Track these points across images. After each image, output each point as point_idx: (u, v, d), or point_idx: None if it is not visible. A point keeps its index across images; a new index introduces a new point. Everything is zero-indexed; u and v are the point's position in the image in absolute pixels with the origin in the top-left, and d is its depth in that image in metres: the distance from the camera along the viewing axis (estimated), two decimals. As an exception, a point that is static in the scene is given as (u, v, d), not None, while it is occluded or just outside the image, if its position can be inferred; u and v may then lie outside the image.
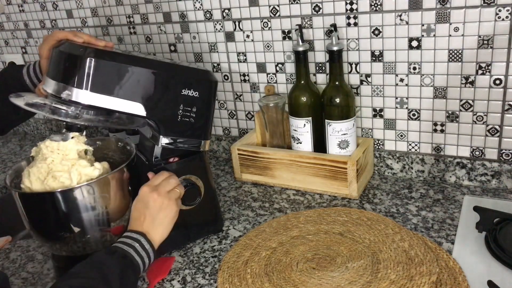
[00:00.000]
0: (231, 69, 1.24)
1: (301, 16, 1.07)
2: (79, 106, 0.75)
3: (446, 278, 0.73)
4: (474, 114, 0.97)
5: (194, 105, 0.84)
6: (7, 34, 1.66)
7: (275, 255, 0.84)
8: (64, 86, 0.74)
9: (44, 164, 0.79)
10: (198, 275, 0.84)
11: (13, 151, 1.64)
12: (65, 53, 0.77)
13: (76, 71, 0.74)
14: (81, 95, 0.74)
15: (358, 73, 1.06)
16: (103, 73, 0.74)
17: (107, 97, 0.75)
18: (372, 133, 1.10)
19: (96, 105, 0.75)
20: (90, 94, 0.74)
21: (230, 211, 1.04)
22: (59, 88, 0.75)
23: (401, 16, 0.96)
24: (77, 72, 0.73)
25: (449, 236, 0.85)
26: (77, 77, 0.73)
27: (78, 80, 0.73)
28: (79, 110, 0.76)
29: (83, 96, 0.74)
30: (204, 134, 0.88)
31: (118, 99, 0.76)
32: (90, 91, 0.74)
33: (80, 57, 0.74)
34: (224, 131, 1.34)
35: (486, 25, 0.89)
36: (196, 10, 1.20)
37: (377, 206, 0.98)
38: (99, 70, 0.74)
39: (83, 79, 0.73)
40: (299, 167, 1.07)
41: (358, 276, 0.75)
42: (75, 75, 0.74)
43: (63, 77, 0.75)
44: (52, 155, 0.79)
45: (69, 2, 1.43)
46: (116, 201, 0.83)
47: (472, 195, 0.97)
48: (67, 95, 0.74)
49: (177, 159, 0.87)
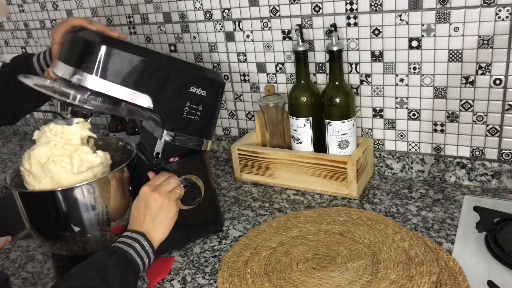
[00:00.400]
0: (231, 69, 1.24)
1: (301, 16, 1.07)
2: (87, 92, 0.75)
3: (446, 278, 0.73)
4: (474, 114, 0.97)
5: (200, 104, 0.84)
6: (7, 34, 1.66)
7: (275, 255, 0.84)
8: (75, 70, 0.75)
9: (46, 148, 0.78)
10: (198, 275, 0.84)
11: (13, 151, 1.64)
12: (80, 38, 0.77)
13: (89, 57, 0.74)
14: (91, 81, 0.74)
15: (358, 73, 1.06)
16: (115, 61, 0.75)
17: (117, 86, 0.76)
18: (372, 133, 1.10)
19: (105, 92, 0.75)
20: (100, 81, 0.74)
21: (230, 211, 1.04)
22: (70, 72, 0.75)
23: (401, 16, 0.96)
24: (90, 58, 0.74)
25: (449, 236, 0.85)
26: (90, 62, 0.74)
27: (90, 65, 0.74)
28: (87, 95, 0.76)
29: (93, 82, 0.74)
30: (207, 133, 0.88)
31: (127, 89, 0.77)
32: (100, 78, 0.74)
33: (94, 43, 0.74)
34: (224, 131, 1.34)
35: (486, 25, 0.89)
36: (196, 10, 1.20)
37: (377, 206, 0.98)
38: (111, 58, 0.74)
39: (95, 65, 0.74)
40: (299, 167, 1.07)
41: (358, 276, 0.75)
42: (87, 61, 0.74)
43: (75, 62, 0.75)
44: (55, 138, 0.79)
45: (69, 2, 1.43)
46: (116, 201, 0.83)
47: (472, 195, 0.97)
48: (77, 79, 0.74)
49: (178, 159, 0.87)
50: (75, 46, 0.77)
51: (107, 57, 0.74)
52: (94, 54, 0.74)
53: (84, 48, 0.76)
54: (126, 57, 0.75)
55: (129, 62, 0.76)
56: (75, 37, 0.78)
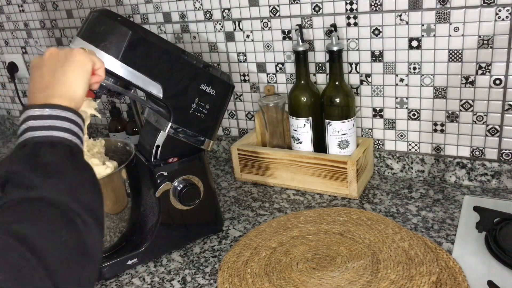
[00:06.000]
0: (231, 69, 1.24)
1: (301, 16, 1.07)
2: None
3: (446, 278, 0.73)
4: (474, 114, 0.97)
5: (208, 102, 0.86)
6: (7, 34, 1.66)
7: (275, 255, 0.84)
8: (93, 48, 0.75)
9: None
10: (198, 275, 0.84)
11: (13, 151, 1.64)
12: (103, 18, 0.77)
13: (109, 38, 0.75)
14: (107, 60, 0.74)
15: (358, 73, 1.06)
16: (135, 46, 0.76)
17: (132, 70, 0.76)
18: (372, 133, 1.10)
19: (119, 74, 0.76)
20: (116, 62, 0.75)
21: (230, 211, 1.04)
22: (88, 48, 0.75)
23: (401, 16, 0.96)
24: (110, 38, 0.75)
25: (449, 236, 0.85)
26: (109, 43, 0.75)
27: (109, 46, 0.75)
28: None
29: (110, 62, 0.75)
30: (210, 133, 0.88)
31: (140, 74, 0.78)
32: (116, 59, 0.75)
33: (116, 25, 0.75)
34: (224, 131, 1.34)
35: (486, 25, 0.89)
36: (196, 10, 1.20)
37: (377, 206, 0.98)
38: (132, 43, 0.75)
39: (113, 46, 0.75)
40: (299, 167, 1.07)
41: (358, 276, 0.75)
42: (107, 40, 0.75)
43: (95, 40, 0.76)
44: None
45: (69, 2, 1.43)
46: (115, 202, 0.83)
47: (472, 195, 0.97)
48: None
49: (177, 159, 0.87)
50: (97, 25, 0.77)
51: (128, 41, 0.75)
52: (114, 36, 0.75)
53: (105, 28, 0.76)
54: (145, 44, 0.77)
55: (148, 50, 0.77)
56: (97, 16, 0.78)
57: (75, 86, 0.59)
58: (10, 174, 0.50)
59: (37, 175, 0.50)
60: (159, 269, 0.87)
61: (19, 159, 0.51)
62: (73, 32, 1.48)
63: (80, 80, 0.60)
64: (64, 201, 0.49)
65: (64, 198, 0.49)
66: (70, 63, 0.60)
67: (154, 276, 0.86)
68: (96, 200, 0.54)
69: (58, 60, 0.60)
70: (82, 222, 0.49)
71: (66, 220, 0.48)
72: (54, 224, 0.47)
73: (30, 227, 0.45)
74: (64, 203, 0.49)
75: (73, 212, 0.49)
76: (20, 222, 0.45)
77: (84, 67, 0.61)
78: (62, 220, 0.48)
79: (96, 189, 0.55)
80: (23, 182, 0.49)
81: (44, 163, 0.51)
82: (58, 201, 0.49)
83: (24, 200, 0.48)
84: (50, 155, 0.52)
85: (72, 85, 0.59)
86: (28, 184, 0.49)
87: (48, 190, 0.49)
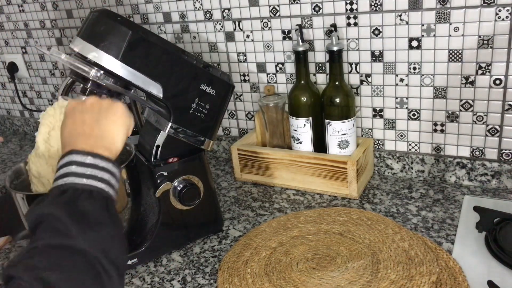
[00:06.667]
0: (231, 69, 1.24)
1: (301, 16, 1.07)
2: (101, 70, 0.76)
3: (446, 278, 0.73)
4: (474, 114, 0.97)
5: (208, 102, 0.86)
6: (7, 34, 1.66)
7: (275, 255, 0.84)
8: (93, 47, 0.75)
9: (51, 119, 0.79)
10: (198, 275, 0.84)
11: (13, 151, 1.64)
12: (103, 18, 0.78)
13: (109, 38, 0.75)
14: (106, 60, 0.74)
15: (358, 73, 1.06)
16: (135, 46, 0.76)
17: (131, 69, 0.76)
18: (372, 133, 1.10)
19: (118, 73, 0.76)
20: (116, 62, 0.75)
21: (230, 211, 1.04)
22: (88, 48, 0.76)
23: (401, 16, 0.96)
24: (110, 38, 0.75)
25: (449, 236, 0.85)
26: (109, 43, 0.75)
27: (109, 46, 0.75)
28: (100, 74, 0.76)
29: (109, 61, 0.75)
30: (210, 133, 0.89)
31: (140, 74, 0.77)
32: (116, 59, 0.75)
33: (116, 25, 0.75)
34: (224, 131, 1.34)
35: (486, 25, 0.89)
36: (196, 10, 1.20)
37: (377, 206, 0.98)
38: (132, 43, 0.75)
39: (113, 45, 0.75)
40: (299, 167, 1.07)
41: (358, 276, 0.75)
42: (107, 40, 0.75)
43: (94, 40, 0.76)
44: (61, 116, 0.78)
45: (69, 2, 1.43)
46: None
47: (472, 195, 0.97)
48: (94, 56, 0.75)
49: (177, 159, 0.87)
50: (97, 25, 0.77)
51: (128, 41, 0.75)
52: (114, 36, 0.75)
53: (105, 28, 0.76)
54: (145, 44, 0.77)
55: (148, 50, 0.77)
56: (97, 16, 0.78)
57: (116, 139, 0.63)
58: (46, 216, 0.51)
59: (74, 223, 0.51)
60: (159, 269, 0.87)
61: (58, 203, 0.53)
62: (73, 32, 1.48)
63: (122, 134, 0.65)
64: (95, 254, 0.50)
65: (96, 251, 0.51)
66: (115, 116, 0.64)
67: (154, 276, 0.86)
68: (122, 254, 0.56)
69: (101, 110, 0.64)
70: (107, 277, 0.51)
71: (93, 273, 0.50)
72: (82, 275, 0.49)
73: (59, 275, 0.47)
74: (95, 255, 0.50)
75: (101, 266, 0.50)
76: (51, 270, 0.47)
77: (126, 122, 0.66)
78: (90, 273, 0.49)
79: (123, 243, 0.57)
80: (59, 228, 0.51)
81: (82, 212, 0.53)
82: (90, 253, 0.50)
83: (59, 247, 0.49)
84: (88, 205, 0.53)
85: (115, 137, 0.63)
86: (65, 231, 0.50)
87: (83, 240, 0.51)
